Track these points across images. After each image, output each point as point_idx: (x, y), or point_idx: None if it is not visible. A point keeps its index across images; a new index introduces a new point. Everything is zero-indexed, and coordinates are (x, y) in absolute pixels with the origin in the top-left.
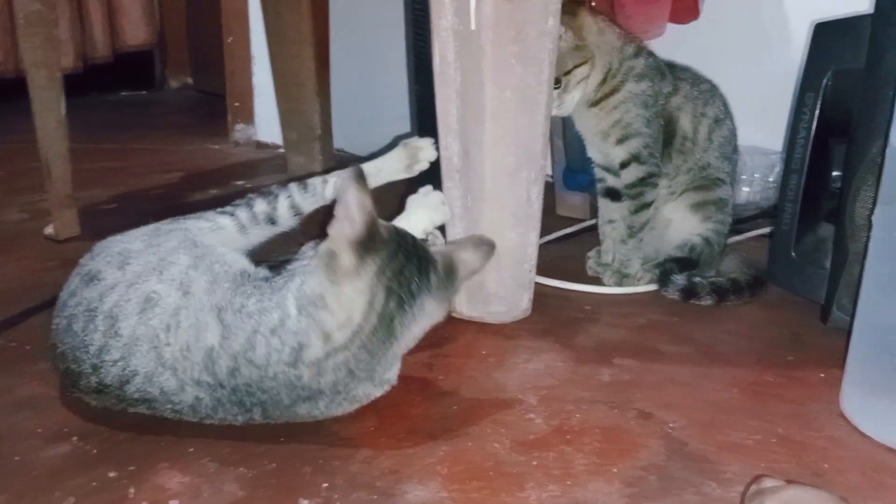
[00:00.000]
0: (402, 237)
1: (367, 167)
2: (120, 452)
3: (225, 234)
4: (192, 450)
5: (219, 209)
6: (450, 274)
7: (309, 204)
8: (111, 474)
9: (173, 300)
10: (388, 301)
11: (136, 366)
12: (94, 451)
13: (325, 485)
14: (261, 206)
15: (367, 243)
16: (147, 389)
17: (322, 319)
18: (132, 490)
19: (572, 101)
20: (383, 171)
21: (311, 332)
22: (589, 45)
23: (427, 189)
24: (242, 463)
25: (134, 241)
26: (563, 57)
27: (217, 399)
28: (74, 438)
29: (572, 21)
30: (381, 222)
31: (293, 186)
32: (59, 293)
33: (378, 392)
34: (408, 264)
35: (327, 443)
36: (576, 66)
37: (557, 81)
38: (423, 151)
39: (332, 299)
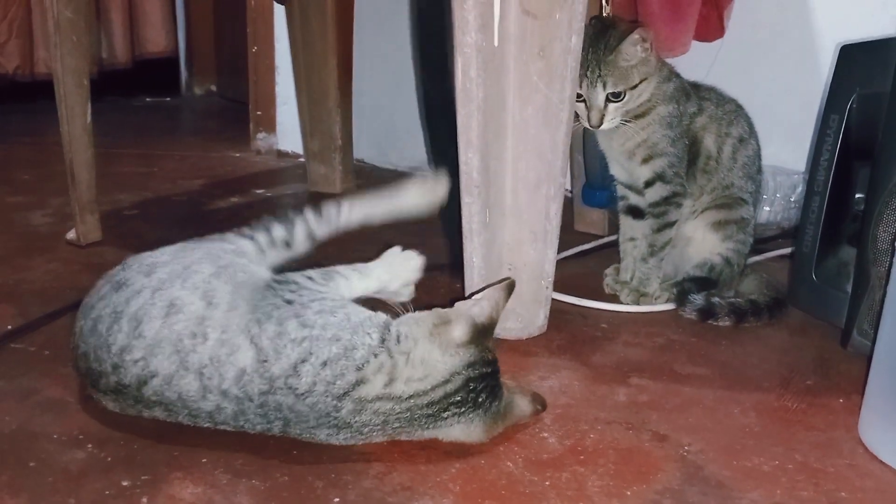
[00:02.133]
0: (497, 364)
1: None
2: (134, 461)
3: (246, 258)
4: (205, 460)
5: (238, 231)
6: (505, 415)
7: (323, 230)
8: (124, 483)
9: (196, 308)
10: (457, 393)
11: (156, 367)
12: (109, 458)
13: (337, 499)
14: (278, 231)
15: (481, 335)
16: (165, 393)
17: (398, 363)
18: (145, 499)
19: (620, 117)
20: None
21: (382, 371)
22: (653, 63)
23: (410, 253)
24: (255, 475)
25: (162, 254)
26: (630, 70)
27: (241, 410)
28: (90, 445)
29: (646, 33)
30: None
31: (309, 213)
32: (85, 298)
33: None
34: (489, 378)
35: (341, 457)
36: (641, 81)
37: (618, 94)
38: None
39: (419, 352)
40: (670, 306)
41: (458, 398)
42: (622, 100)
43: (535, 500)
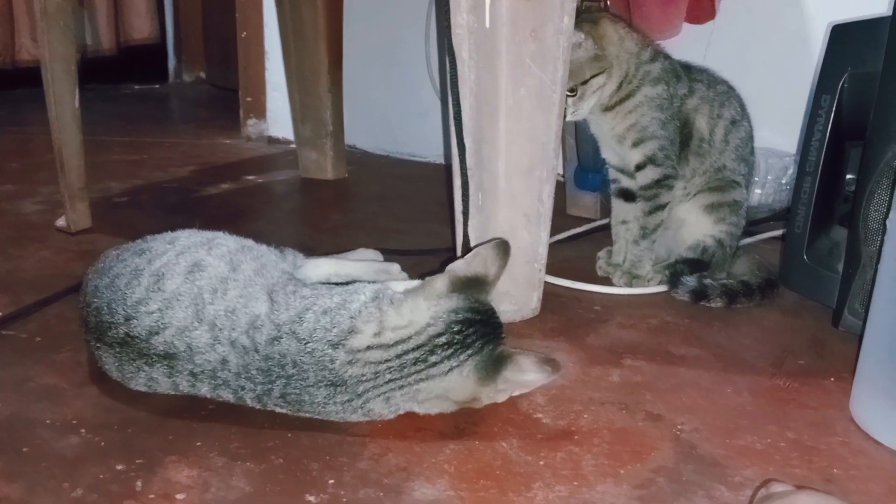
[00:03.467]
0: (493, 315)
1: (341, 265)
2: (129, 445)
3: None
4: (200, 444)
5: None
6: (499, 362)
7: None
8: (119, 467)
9: (221, 271)
10: (441, 335)
11: (171, 318)
12: (104, 443)
13: (332, 481)
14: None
15: (464, 285)
16: (174, 343)
17: (387, 314)
18: (139, 483)
19: (587, 108)
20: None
21: (372, 320)
22: (608, 55)
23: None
24: (251, 458)
25: (183, 231)
26: (580, 66)
27: (245, 364)
28: (84, 431)
29: (594, 30)
30: (488, 300)
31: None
32: (97, 264)
33: (391, 416)
34: (479, 326)
35: (336, 439)
36: (593, 76)
37: (573, 90)
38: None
39: (407, 305)
40: (663, 288)
41: (444, 340)
42: (576, 95)
43: (530, 480)
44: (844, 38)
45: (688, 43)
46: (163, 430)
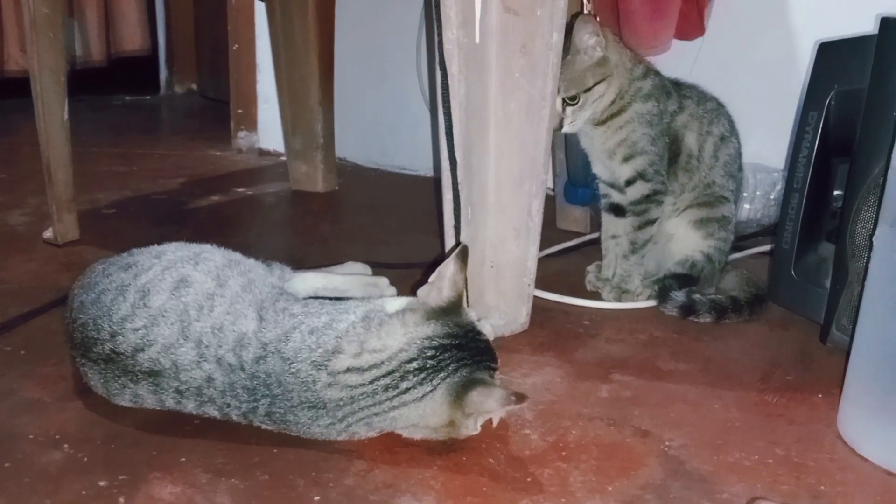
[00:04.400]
0: (471, 331)
1: (329, 279)
2: (112, 461)
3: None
4: (184, 460)
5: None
6: (469, 387)
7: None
8: (102, 483)
9: (208, 287)
10: (412, 360)
11: (156, 335)
12: (86, 458)
13: (318, 498)
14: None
15: (440, 311)
16: (160, 360)
17: (370, 334)
18: (122, 499)
19: (583, 118)
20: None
21: (354, 341)
22: (611, 62)
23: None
24: (235, 474)
25: (169, 245)
26: (584, 72)
27: (231, 382)
28: (67, 446)
29: (604, 33)
30: (466, 309)
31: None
32: (82, 279)
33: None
34: (456, 351)
35: (322, 455)
36: (596, 83)
37: (574, 98)
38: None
39: (386, 328)
40: (652, 303)
41: (415, 366)
42: (577, 103)
43: (517, 496)
44: (831, 55)
45: (676, 59)
46: (147, 446)
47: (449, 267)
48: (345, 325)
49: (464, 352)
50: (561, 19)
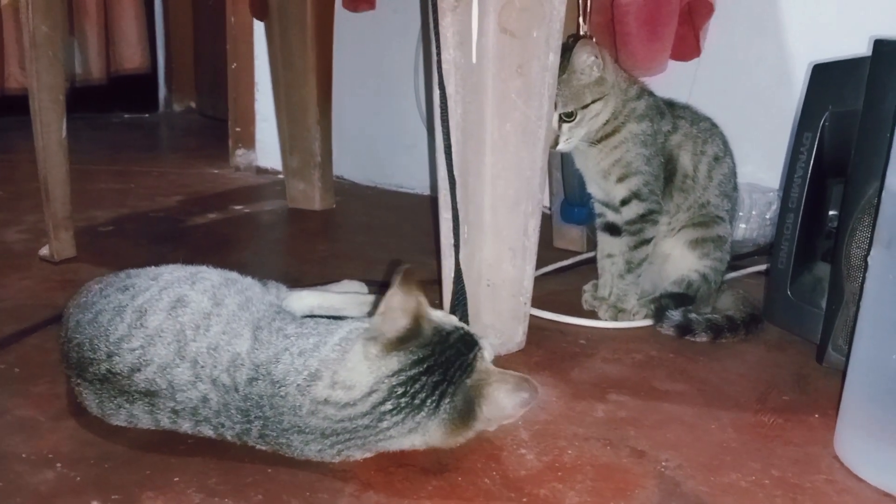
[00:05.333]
0: (442, 343)
1: (325, 298)
2: (105, 481)
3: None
4: (177, 479)
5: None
6: (468, 413)
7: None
8: (94, 503)
9: (204, 306)
10: (385, 402)
11: (153, 355)
12: (79, 478)
13: None
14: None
15: (400, 341)
16: (156, 380)
17: (342, 363)
18: None
19: (579, 136)
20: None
21: (329, 368)
22: (608, 82)
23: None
24: (229, 494)
25: (167, 267)
26: (582, 89)
27: (225, 403)
28: (60, 465)
29: (602, 53)
30: (433, 319)
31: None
32: (79, 298)
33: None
34: (428, 377)
35: (316, 476)
36: (593, 101)
37: (571, 114)
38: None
39: (354, 358)
40: (648, 322)
41: (389, 406)
42: (574, 120)
43: None
44: (825, 76)
45: (673, 80)
46: (140, 465)
47: (395, 297)
48: (326, 347)
49: (438, 372)
50: (557, 41)
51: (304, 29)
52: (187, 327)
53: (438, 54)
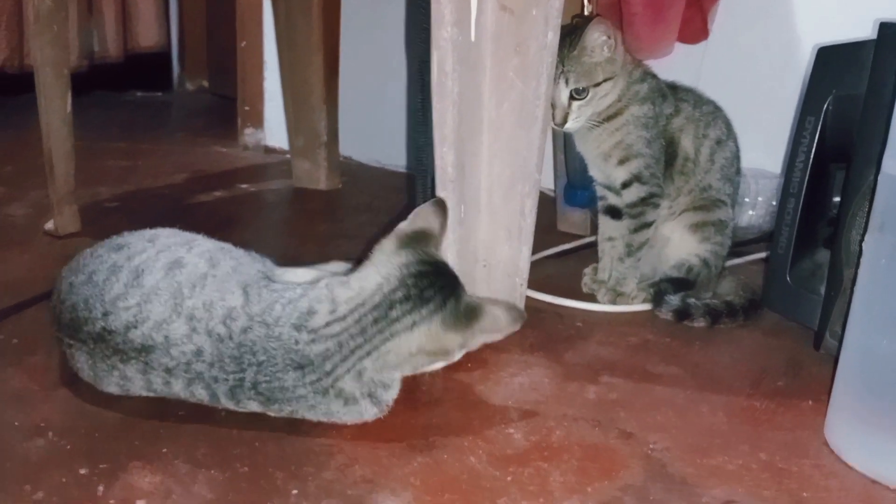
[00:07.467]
0: (446, 266)
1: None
2: (94, 450)
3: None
4: (165, 450)
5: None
6: (471, 314)
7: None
8: (82, 471)
9: (201, 268)
10: (397, 290)
11: (149, 312)
12: (69, 447)
13: (296, 491)
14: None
15: (411, 239)
16: (152, 336)
17: (337, 292)
18: (101, 488)
19: (586, 115)
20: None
21: (325, 300)
22: (618, 62)
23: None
24: (215, 466)
25: (162, 230)
26: (594, 67)
27: (219, 353)
28: (50, 434)
29: (606, 25)
30: (438, 253)
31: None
32: (71, 263)
33: (370, 410)
34: (434, 278)
35: (303, 449)
36: (605, 80)
37: (582, 91)
38: None
39: (355, 278)
40: (647, 306)
41: (401, 295)
42: (585, 97)
43: (496, 495)
44: (830, 60)
45: (679, 62)
46: (130, 435)
47: (426, 207)
48: (315, 291)
49: (442, 279)
50: (556, 19)
51: (310, 8)
52: (184, 286)
53: (426, 31)
